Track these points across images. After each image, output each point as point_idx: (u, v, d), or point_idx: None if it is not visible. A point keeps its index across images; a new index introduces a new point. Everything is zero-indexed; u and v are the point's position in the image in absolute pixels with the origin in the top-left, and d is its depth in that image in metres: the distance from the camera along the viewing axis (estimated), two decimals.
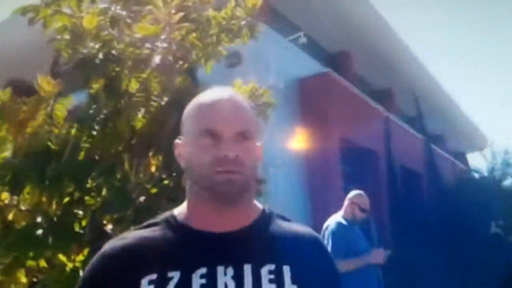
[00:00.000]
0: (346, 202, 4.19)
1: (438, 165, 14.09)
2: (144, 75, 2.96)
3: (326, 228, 4.02)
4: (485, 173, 16.09)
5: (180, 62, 3.25)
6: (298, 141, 8.88)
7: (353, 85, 11.56)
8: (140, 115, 2.90)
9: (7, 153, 2.35)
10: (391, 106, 15.16)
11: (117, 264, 0.99)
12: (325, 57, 13.28)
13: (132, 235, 1.05)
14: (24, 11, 2.88)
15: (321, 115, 9.43)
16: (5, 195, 2.47)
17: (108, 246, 1.04)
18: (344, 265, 3.59)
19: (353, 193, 4.20)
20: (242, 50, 4.02)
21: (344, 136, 9.80)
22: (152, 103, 2.93)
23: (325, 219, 4.16)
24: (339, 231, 3.94)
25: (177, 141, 1.09)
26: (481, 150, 19.83)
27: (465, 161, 21.37)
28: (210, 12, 3.43)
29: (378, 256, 3.91)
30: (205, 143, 1.00)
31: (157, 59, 2.89)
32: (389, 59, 14.40)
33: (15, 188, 2.40)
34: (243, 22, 3.55)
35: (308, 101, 9.53)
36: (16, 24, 11.16)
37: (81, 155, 2.52)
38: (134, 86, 2.89)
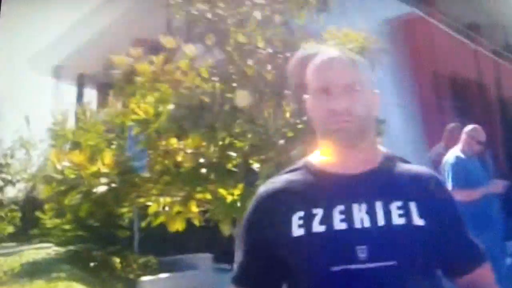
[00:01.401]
0: (462, 137, 3.76)
1: None
2: (248, 30, 2.84)
3: (445, 162, 3.68)
4: None
5: (277, 15, 3.06)
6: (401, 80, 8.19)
7: (439, 21, 10.23)
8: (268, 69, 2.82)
9: (171, 107, 2.45)
10: (478, 40, 13.27)
11: (272, 204, 0.99)
12: None
13: (280, 179, 1.03)
14: None
15: (413, 54, 8.54)
16: (174, 141, 2.64)
17: (262, 188, 1.04)
18: (464, 196, 3.25)
19: (469, 127, 3.75)
20: None
21: (440, 71, 8.82)
22: (278, 57, 2.83)
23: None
24: (458, 164, 3.55)
25: (304, 96, 1.05)
26: None
27: None
28: None
29: (497, 186, 3.51)
30: (320, 98, 0.97)
31: (257, 14, 2.75)
32: None
33: (181, 135, 2.53)
34: None
35: (398, 42, 8.68)
36: None
37: (227, 106, 2.55)
38: (241, 39, 2.80)
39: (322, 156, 1.03)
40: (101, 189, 2.38)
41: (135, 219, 5.87)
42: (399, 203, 0.93)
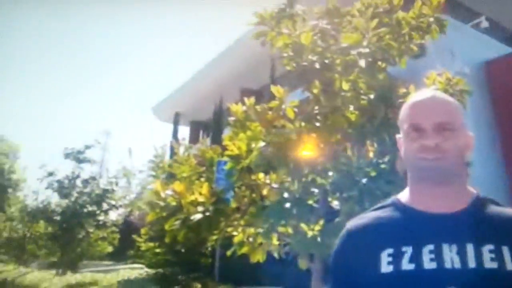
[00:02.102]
0: None
1: None
2: (352, 77, 2.95)
3: None
4: None
5: (380, 62, 3.13)
6: (491, 122, 7.59)
7: None
8: (352, 109, 2.90)
9: (261, 144, 2.62)
10: None
11: (360, 239, 0.99)
12: (509, 37, 11.03)
13: (369, 215, 1.03)
14: (258, 35, 3.20)
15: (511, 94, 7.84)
16: (261, 175, 2.79)
17: (351, 224, 1.04)
18: None
19: None
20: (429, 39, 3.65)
21: None
22: (362, 99, 2.90)
23: None
24: None
25: (397, 136, 1.06)
26: None
27: None
28: (400, 14, 3.20)
29: None
30: (412, 136, 0.97)
31: (362, 62, 2.85)
32: None
33: (268, 170, 2.67)
34: (431, 19, 3.21)
35: (497, 83, 8.04)
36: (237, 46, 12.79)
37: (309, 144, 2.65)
38: (345, 87, 2.92)
39: (412, 194, 1.01)
40: (197, 216, 2.59)
41: (217, 248, 6.11)
42: (491, 247, 0.88)
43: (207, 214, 2.58)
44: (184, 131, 19.25)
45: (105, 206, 12.48)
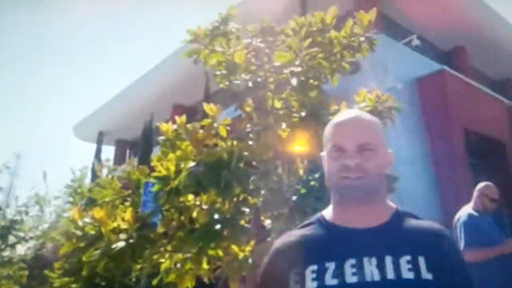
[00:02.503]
0: (475, 194, 3.82)
1: None
2: (284, 95, 3.19)
3: (458, 220, 3.70)
4: None
5: (311, 80, 3.40)
6: (422, 137, 8.38)
7: (471, 78, 10.52)
8: (283, 127, 3.12)
9: (191, 164, 2.71)
10: None
11: (287, 256, 1.09)
12: (440, 55, 12.35)
13: (296, 233, 1.14)
14: (190, 54, 3.34)
15: (442, 110, 8.76)
16: (190, 197, 2.87)
17: (278, 242, 1.15)
18: (477, 255, 3.28)
19: (481, 184, 3.82)
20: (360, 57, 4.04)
21: (467, 128, 8.95)
22: (293, 117, 3.14)
23: (455, 211, 3.87)
24: (470, 222, 3.56)
25: (321, 153, 1.18)
26: None
27: None
28: (332, 33, 3.51)
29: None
30: (334, 155, 1.09)
31: (294, 81, 3.09)
32: (506, 48, 12.80)
33: (198, 192, 2.75)
34: (362, 38, 3.56)
35: (427, 99, 8.95)
36: (170, 61, 12.87)
37: (243, 163, 2.79)
38: (277, 105, 3.14)
39: (335, 210, 1.13)
40: (120, 244, 2.58)
41: (143, 278, 5.93)
42: (408, 258, 0.99)
43: (131, 241, 2.58)
44: (109, 151, 18.61)
45: (11, 239, 11.59)
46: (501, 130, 10.18)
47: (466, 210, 3.68)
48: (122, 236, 2.67)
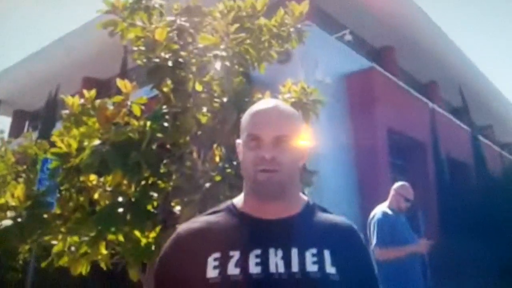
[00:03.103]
0: (391, 193, 4.13)
1: (485, 156, 13.54)
2: (206, 79, 3.22)
3: (372, 217, 3.92)
4: None
5: (236, 67, 3.48)
6: (346, 133, 8.90)
7: (398, 78, 11.37)
8: (204, 112, 3.17)
9: (96, 142, 2.65)
10: (437, 98, 14.75)
11: (189, 243, 1.12)
12: (370, 52, 13.15)
13: (201, 219, 1.17)
14: (105, 25, 3.23)
15: (368, 108, 9.36)
16: (93, 177, 2.81)
17: (182, 228, 1.17)
18: (388, 253, 3.58)
19: (398, 184, 4.13)
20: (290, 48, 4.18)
21: (391, 128, 9.66)
22: (215, 102, 3.19)
23: (373, 207, 4.11)
24: (384, 220, 3.80)
25: (237, 141, 1.20)
26: None
27: None
28: (262, 21, 3.62)
29: (422, 246, 3.80)
30: (251, 145, 1.12)
31: (217, 65, 3.14)
32: (433, 52, 14.03)
33: (102, 172, 2.70)
34: (291, 29, 3.70)
35: (354, 95, 9.51)
36: (88, 30, 12.17)
37: (155, 145, 2.80)
38: (198, 88, 3.17)
39: (246, 200, 1.16)
40: (6, 223, 2.46)
41: (31, 261, 5.65)
42: (314, 251, 1.05)
43: (19, 220, 2.48)
44: (6, 122, 17.30)
45: None
46: (423, 132, 11.12)
47: (381, 208, 3.96)
48: (10, 213, 2.54)
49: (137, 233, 2.51)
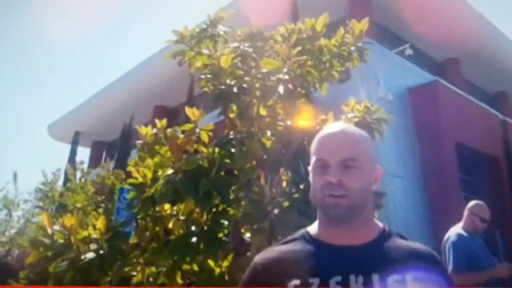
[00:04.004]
0: (465, 213, 3.81)
1: None
2: (270, 103, 3.21)
3: (447, 240, 3.66)
4: None
5: (299, 89, 3.43)
6: (413, 150, 8.49)
7: (464, 91, 10.75)
8: (268, 136, 3.13)
9: (169, 171, 2.69)
10: (507, 109, 13.74)
11: (268, 272, 1.10)
12: (432, 66, 12.60)
13: (276, 248, 1.16)
14: (175, 55, 3.34)
15: (434, 122, 8.89)
16: (167, 207, 2.84)
17: (259, 257, 1.15)
18: (466, 280, 3.28)
19: (472, 203, 3.80)
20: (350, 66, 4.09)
21: (459, 143, 9.07)
22: (278, 125, 3.16)
23: (445, 228, 3.87)
24: (460, 243, 3.50)
25: (309, 168, 1.18)
26: None
27: None
28: (323, 41, 3.56)
29: (504, 270, 3.46)
30: (318, 171, 1.11)
31: (280, 89, 3.12)
32: (500, 62, 13.14)
33: (175, 201, 2.73)
34: (352, 48, 3.61)
35: (419, 110, 9.09)
36: (153, 60, 12.80)
37: (223, 171, 2.78)
38: (262, 112, 3.16)
39: (320, 227, 1.14)
40: (89, 255, 2.53)
41: None
42: (396, 277, 1.02)
43: (101, 252, 2.54)
44: (85, 154, 18.37)
45: None
46: (494, 145, 10.36)
47: (456, 230, 3.66)
48: (93, 246, 2.62)
49: (210, 262, 2.48)
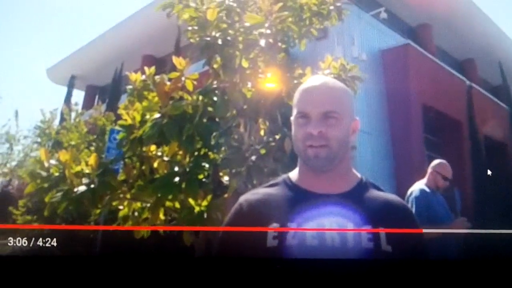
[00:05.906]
0: (429, 171, 3.83)
1: None
2: (252, 55, 3.14)
3: (410, 195, 3.57)
4: None
5: (279, 44, 3.36)
6: (382, 109, 8.54)
7: (434, 56, 10.67)
8: (249, 87, 3.11)
9: (156, 115, 2.66)
10: (474, 76, 13.75)
11: (251, 212, 1.08)
12: (406, 30, 12.41)
13: (261, 191, 1.13)
14: (164, 7, 3.20)
15: (403, 84, 8.88)
16: (153, 147, 2.84)
17: (244, 198, 1.13)
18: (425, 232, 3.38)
19: (436, 161, 3.78)
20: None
21: (425, 105, 9.09)
22: (259, 77, 3.12)
23: (408, 183, 3.91)
24: (422, 198, 3.46)
25: (291, 118, 1.13)
26: None
27: None
28: None
29: (460, 224, 3.43)
30: (300, 122, 1.06)
31: (262, 42, 3.05)
32: (470, 30, 13.00)
33: (161, 143, 2.73)
34: (331, 7, 3.54)
35: (390, 71, 9.04)
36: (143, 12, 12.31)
37: (206, 118, 2.78)
38: (244, 64, 3.10)
39: (300, 174, 1.11)
40: (81, 188, 2.55)
41: (100, 223, 5.98)
42: (369, 227, 0.99)
43: (92, 186, 2.56)
44: (80, 96, 18.08)
45: None
46: (459, 109, 10.37)
47: (419, 186, 3.62)
48: (85, 180, 2.63)
49: (191, 200, 2.52)
